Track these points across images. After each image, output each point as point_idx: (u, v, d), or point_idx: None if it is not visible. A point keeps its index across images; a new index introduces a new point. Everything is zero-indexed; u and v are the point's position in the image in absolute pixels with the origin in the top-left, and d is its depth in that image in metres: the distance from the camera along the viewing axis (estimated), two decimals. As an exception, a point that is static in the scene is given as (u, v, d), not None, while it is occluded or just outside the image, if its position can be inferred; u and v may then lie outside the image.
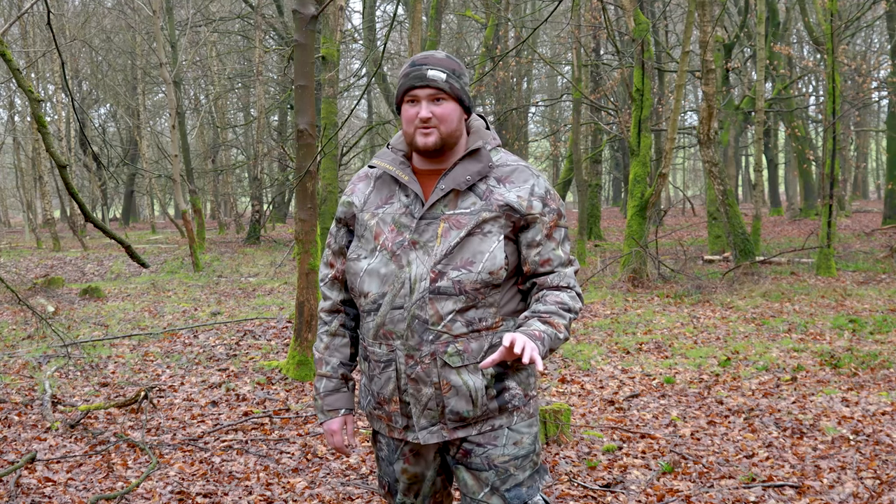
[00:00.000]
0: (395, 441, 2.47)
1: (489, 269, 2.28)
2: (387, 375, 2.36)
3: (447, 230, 2.30)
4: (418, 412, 2.35)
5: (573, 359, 7.47)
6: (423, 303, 2.28)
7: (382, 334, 2.34)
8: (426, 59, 2.34)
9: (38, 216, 28.33)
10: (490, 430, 2.36)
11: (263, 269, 15.82)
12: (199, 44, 25.53)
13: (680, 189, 29.50)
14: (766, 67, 17.53)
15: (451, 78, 2.32)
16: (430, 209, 2.33)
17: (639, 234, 12.39)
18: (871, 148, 40.67)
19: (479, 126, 2.45)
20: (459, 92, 2.33)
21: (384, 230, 2.35)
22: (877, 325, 8.66)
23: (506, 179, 2.35)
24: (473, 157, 2.36)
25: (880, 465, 4.61)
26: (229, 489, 4.40)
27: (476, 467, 2.38)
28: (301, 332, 6.70)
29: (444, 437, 2.36)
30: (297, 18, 6.30)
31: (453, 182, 2.32)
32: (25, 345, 8.45)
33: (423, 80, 2.31)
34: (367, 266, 2.36)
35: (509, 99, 23.48)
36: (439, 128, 2.31)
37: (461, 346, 2.30)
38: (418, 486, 2.51)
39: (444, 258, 2.28)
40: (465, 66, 2.31)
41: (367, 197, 2.44)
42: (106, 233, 5.53)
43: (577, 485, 4.36)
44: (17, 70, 5.09)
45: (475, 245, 2.29)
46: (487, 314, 2.32)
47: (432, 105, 2.31)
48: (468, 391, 2.31)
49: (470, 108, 2.39)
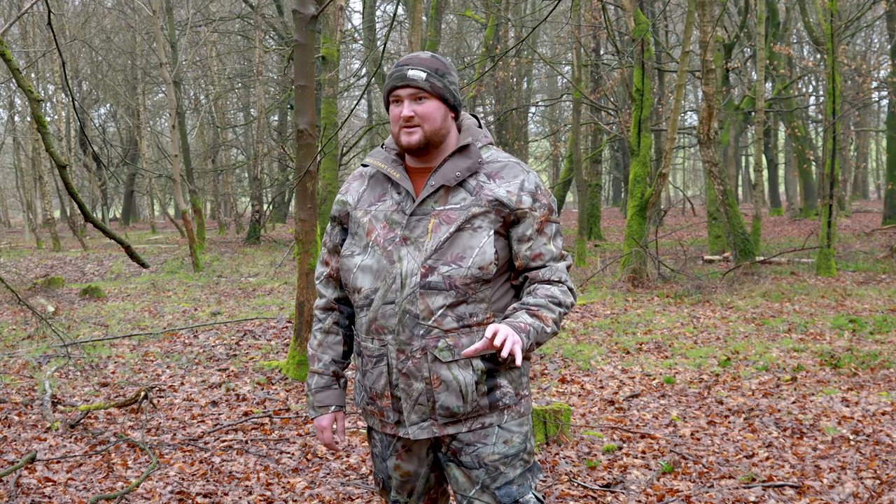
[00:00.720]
0: (387, 437, 2.50)
1: (479, 264, 2.30)
2: (378, 370, 2.39)
3: (437, 226, 2.33)
4: (409, 407, 2.37)
5: (573, 359, 7.47)
6: (413, 298, 2.31)
7: (374, 329, 2.38)
8: (409, 60, 2.39)
9: (38, 216, 28.32)
10: (480, 427, 2.38)
11: (263, 269, 15.82)
12: (199, 44, 25.54)
13: (680, 189, 29.50)
14: (766, 67, 17.53)
15: (433, 77, 2.36)
16: (421, 205, 2.36)
17: (639, 234, 12.39)
18: (871, 148, 40.68)
19: (469, 124, 2.47)
20: (441, 90, 2.36)
21: (376, 227, 2.39)
22: (877, 325, 8.66)
23: (496, 175, 2.38)
24: (463, 153, 2.39)
25: (880, 465, 4.61)
26: (229, 489, 4.40)
27: (466, 465, 2.39)
28: (301, 332, 6.71)
29: (434, 432, 2.37)
30: (297, 18, 6.30)
31: (443, 178, 2.35)
32: (25, 345, 8.45)
33: (404, 80, 2.35)
34: (359, 262, 2.41)
35: (509, 99, 23.49)
36: (423, 126, 2.35)
37: (451, 342, 2.32)
38: (411, 483, 2.52)
39: (434, 253, 2.31)
40: (456, 66, 2.31)
41: (361, 195, 2.48)
42: (106, 233, 5.53)
43: (577, 485, 4.36)
44: (17, 70, 5.09)
45: (465, 240, 2.31)
46: (478, 309, 2.34)
47: (414, 104, 2.36)
48: (458, 386, 2.33)
49: (456, 107, 2.42)
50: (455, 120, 2.45)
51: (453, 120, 2.44)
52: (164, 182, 31.21)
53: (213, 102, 27.15)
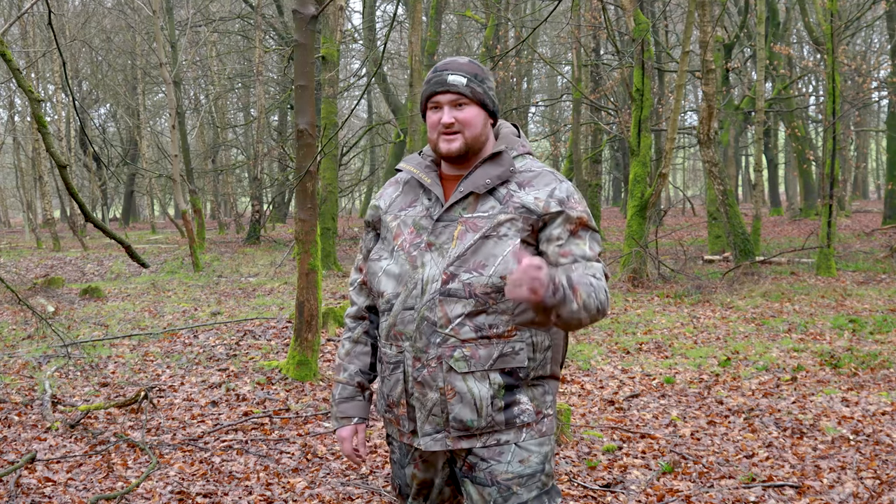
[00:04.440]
0: (405, 445, 2.44)
1: (501, 273, 2.22)
2: (395, 377, 2.35)
3: (463, 233, 2.28)
4: (423, 417, 2.31)
5: (573, 359, 7.47)
6: (432, 304, 2.26)
7: (393, 335, 2.33)
8: (448, 65, 2.33)
9: (38, 216, 28.33)
10: (496, 444, 2.30)
11: (263, 269, 15.82)
12: (199, 44, 25.55)
13: (680, 189, 29.50)
14: (766, 67, 17.53)
15: (473, 82, 2.30)
16: (448, 211, 2.31)
17: (639, 234, 12.39)
18: (871, 148, 40.67)
19: (507, 132, 2.42)
20: (482, 96, 2.31)
21: (404, 231, 2.35)
22: (877, 325, 8.66)
23: (527, 184, 2.31)
24: (494, 160, 2.33)
25: (880, 465, 4.61)
26: (229, 489, 4.40)
27: (480, 482, 2.31)
28: (301, 332, 6.70)
29: (447, 445, 2.31)
30: (297, 18, 6.30)
31: (472, 185, 2.30)
32: (25, 345, 8.45)
33: (444, 86, 2.29)
34: (385, 266, 2.36)
35: (509, 99, 23.48)
36: (464, 132, 2.30)
37: (468, 352, 2.25)
38: (427, 492, 2.48)
39: (456, 260, 2.26)
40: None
41: (393, 200, 2.44)
42: (106, 233, 5.53)
43: (577, 485, 4.36)
44: (17, 70, 5.09)
45: (489, 248, 2.25)
46: (499, 321, 2.26)
47: (454, 110, 2.30)
48: (473, 399, 2.26)
49: (494, 113, 2.36)
50: (493, 126, 2.40)
51: (491, 126, 2.39)
52: (164, 182, 31.20)
53: (213, 102, 27.14)
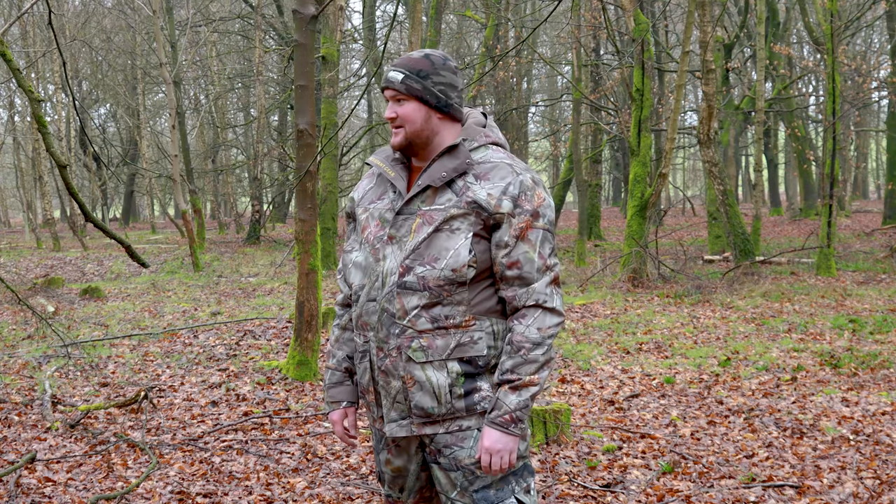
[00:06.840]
0: (379, 431, 2.52)
1: (452, 266, 2.28)
2: (364, 366, 2.44)
3: (420, 226, 2.33)
4: (388, 404, 2.40)
5: (573, 359, 7.47)
6: (391, 296, 2.33)
7: (360, 325, 2.42)
8: (397, 61, 2.41)
9: (38, 216, 28.32)
10: (458, 430, 2.37)
11: (263, 269, 15.82)
12: (199, 44, 25.54)
13: (680, 189, 29.50)
14: (766, 67, 17.53)
15: (410, 78, 2.34)
16: (408, 205, 2.37)
17: (639, 234, 12.39)
18: (871, 148, 40.66)
19: (470, 123, 2.45)
20: (419, 92, 2.35)
21: (370, 224, 2.43)
22: (877, 325, 8.66)
23: (484, 176, 2.34)
24: (451, 153, 2.37)
25: (880, 465, 4.61)
26: (229, 489, 4.40)
27: (445, 467, 2.40)
28: (301, 332, 6.70)
29: (413, 431, 2.38)
30: (297, 18, 6.30)
31: (429, 178, 2.35)
32: (25, 345, 8.45)
33: (385, 82, 2.39)
34: (354, 258, 2.46)
35: (509, 99, 23.49)
36: (404, 127, 2.37)
37: (425, 342, 2.32)
38: (403, 479, 2.53)
39: (412, 253, 2.32)
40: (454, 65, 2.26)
41: (365, 193, 2.51)
42: (106, 233, 5.53)
43: (577, 485, 4.36)
44: (17, 70, 5.09)
45: (441, 241, 2.31)
46: (455, 312, 2.32)
47: (396, 105, 2.38)
48: (432, 388, 2.33)
49: (440, 107, 2.37)
50: (450, 120, 2.41)
51: (445, 120, 2.40)
52: (164, 182, 31.20)
53: (213, 102, 27.15)
